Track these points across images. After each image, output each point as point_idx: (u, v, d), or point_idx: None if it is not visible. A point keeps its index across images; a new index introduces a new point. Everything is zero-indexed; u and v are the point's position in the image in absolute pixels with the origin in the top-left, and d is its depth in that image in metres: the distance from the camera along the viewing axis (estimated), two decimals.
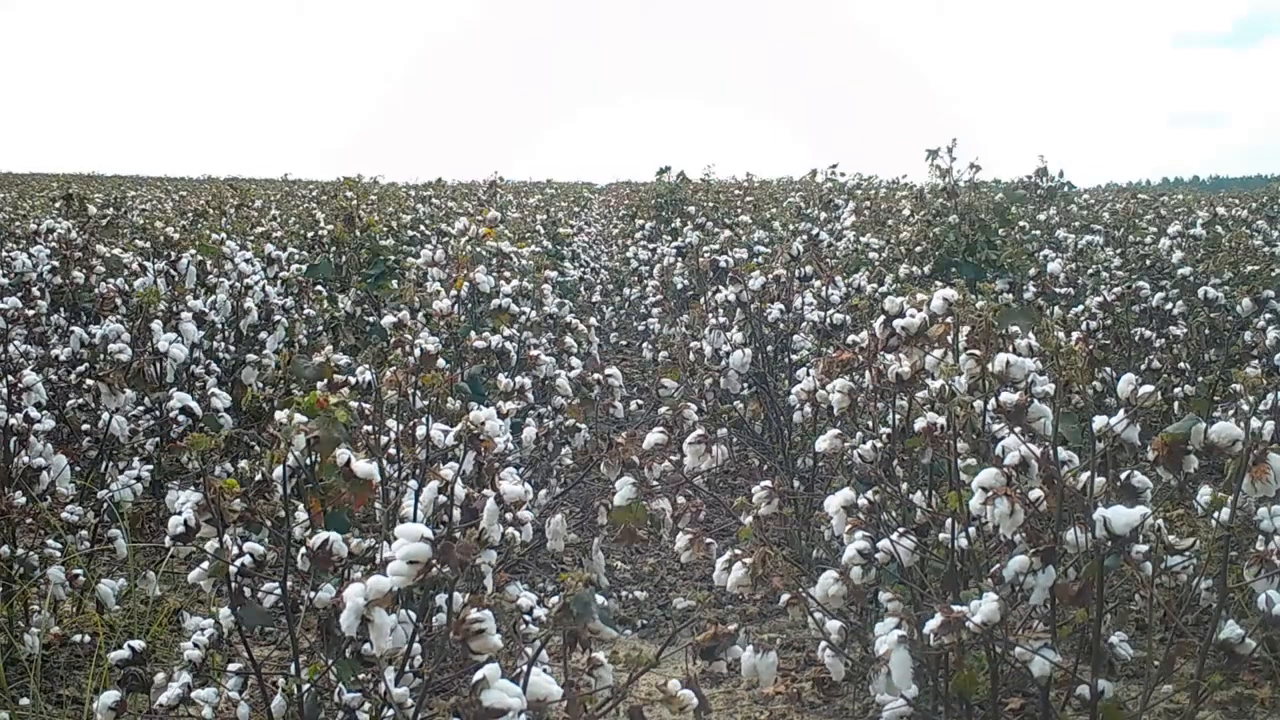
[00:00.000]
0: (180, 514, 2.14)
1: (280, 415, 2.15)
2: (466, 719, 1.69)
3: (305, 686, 2.14)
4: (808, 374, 3.80)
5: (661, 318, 6.77)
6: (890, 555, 2.53)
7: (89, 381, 3.93)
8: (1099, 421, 2.28)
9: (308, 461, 2.39)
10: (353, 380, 3.15)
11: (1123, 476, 2.31)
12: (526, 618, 2.50)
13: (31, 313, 4.66)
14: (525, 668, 1.83)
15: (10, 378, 3.39)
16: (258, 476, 2.14)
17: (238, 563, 2.16)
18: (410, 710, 2.07)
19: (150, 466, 3.84)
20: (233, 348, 5.07)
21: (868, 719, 2.98)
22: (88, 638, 3.07)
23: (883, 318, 3.14)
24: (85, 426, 4.08)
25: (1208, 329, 5.43)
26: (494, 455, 2.31)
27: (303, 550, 2.16)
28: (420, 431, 2.58)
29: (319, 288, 5.91)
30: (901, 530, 2.60)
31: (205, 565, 2.17)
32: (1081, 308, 5.58)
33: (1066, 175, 11.20)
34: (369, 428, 2.66)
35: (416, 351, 3.04)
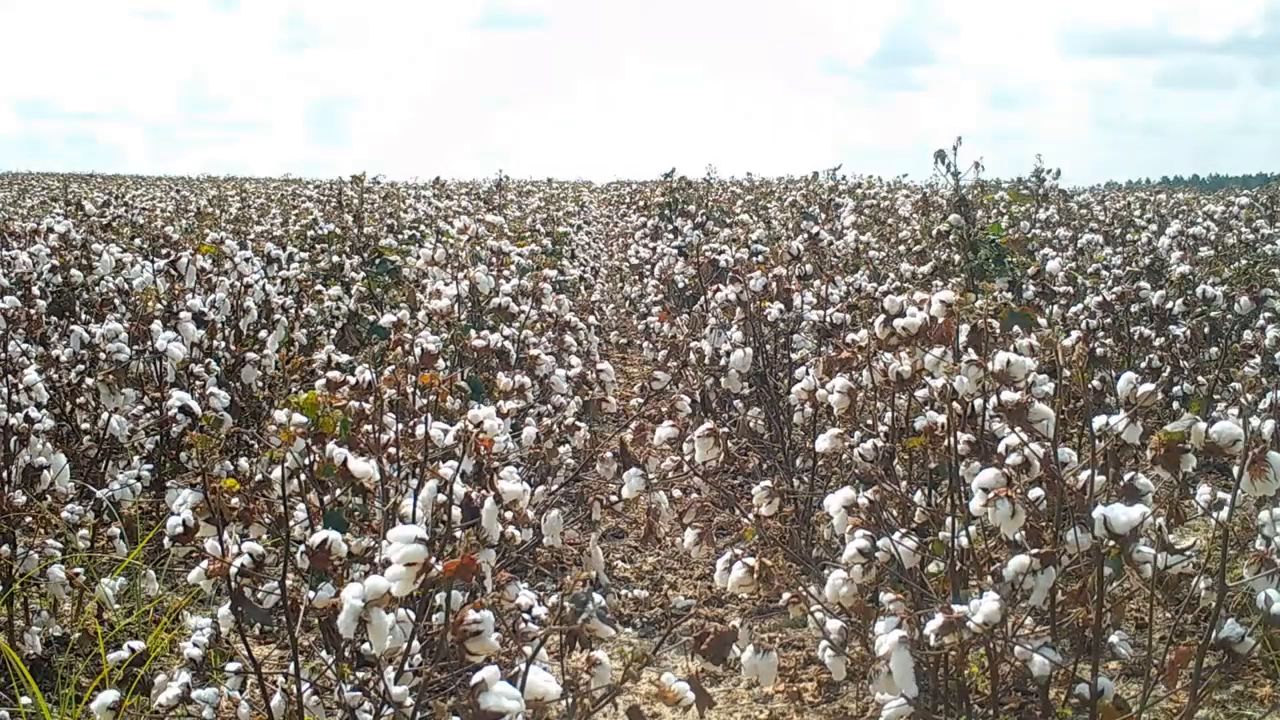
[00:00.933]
0: (178, 514, 2.14)
1: (279, 414, 2.15)
2: None
3: (305, 686, 2.14)
4: (807, 373, 3.80)
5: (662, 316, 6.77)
6: (890, 554, 2.53)
7: (89, 380, 3.92)
8: (1099, 421, 2.28)
9: (307, 461, 2.38)
10: (352, 380, 3.15)
11: (1126, 478, 2.31)
12: (526, 616, 2.50)
13: (32, 311, 4.66)
14: (524, 667, 1.83)
15: (10, 377, 3.39)
16: (258, 476, 2.14)
17: (237, 562, 2.16)
18: (410, 710, 2.07)
19: (150, 466, 3.84)
20: (233, 347, 5.07)
21: (867, 719, 2.98)
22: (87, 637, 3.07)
23: (883, 317, 3.14)
24: (85, 426, 4.08)
25: (1207, 328, 5.43)
26: (494, 455, 2.30)
27: (302, 549, 2.15)
28: (419, 430, 2.57)
29: (319, 287, 5.91)
30: (904, 530, 2.60)
31: (204, 565, 2.16)
32: (1080, 306, 5.58)
33: (1064, 175, 11.19)
34: (368, 427, 2.66)
35: (417, 350, 3.04)
